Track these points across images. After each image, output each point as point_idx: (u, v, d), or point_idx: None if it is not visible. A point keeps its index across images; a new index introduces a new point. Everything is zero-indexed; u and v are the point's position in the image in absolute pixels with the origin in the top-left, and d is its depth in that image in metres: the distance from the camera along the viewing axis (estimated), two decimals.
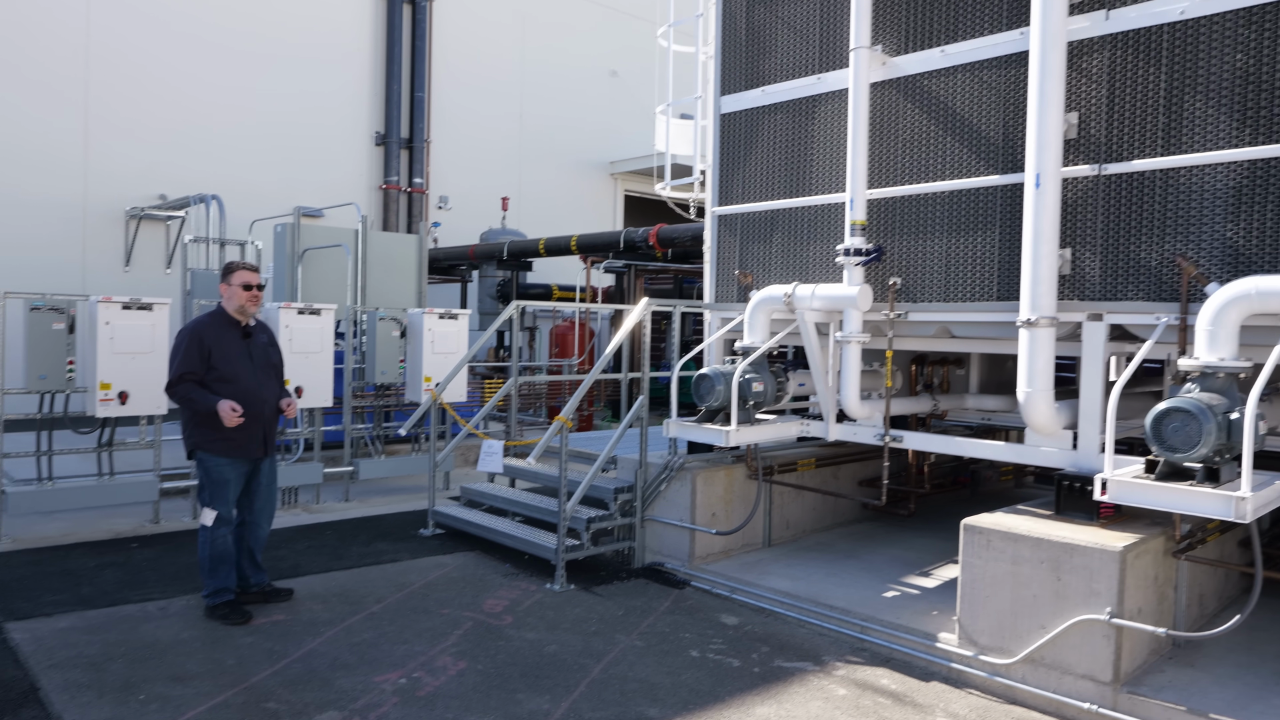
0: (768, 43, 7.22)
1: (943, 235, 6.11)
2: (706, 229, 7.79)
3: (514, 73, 21.88)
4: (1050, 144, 5.29)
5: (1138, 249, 5.25)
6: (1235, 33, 4.87)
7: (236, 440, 5.79)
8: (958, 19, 6.03)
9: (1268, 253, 4.80)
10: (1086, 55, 5.43)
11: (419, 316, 9.88)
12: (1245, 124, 4.85)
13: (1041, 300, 5.34)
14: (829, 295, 6.34)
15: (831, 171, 6.76)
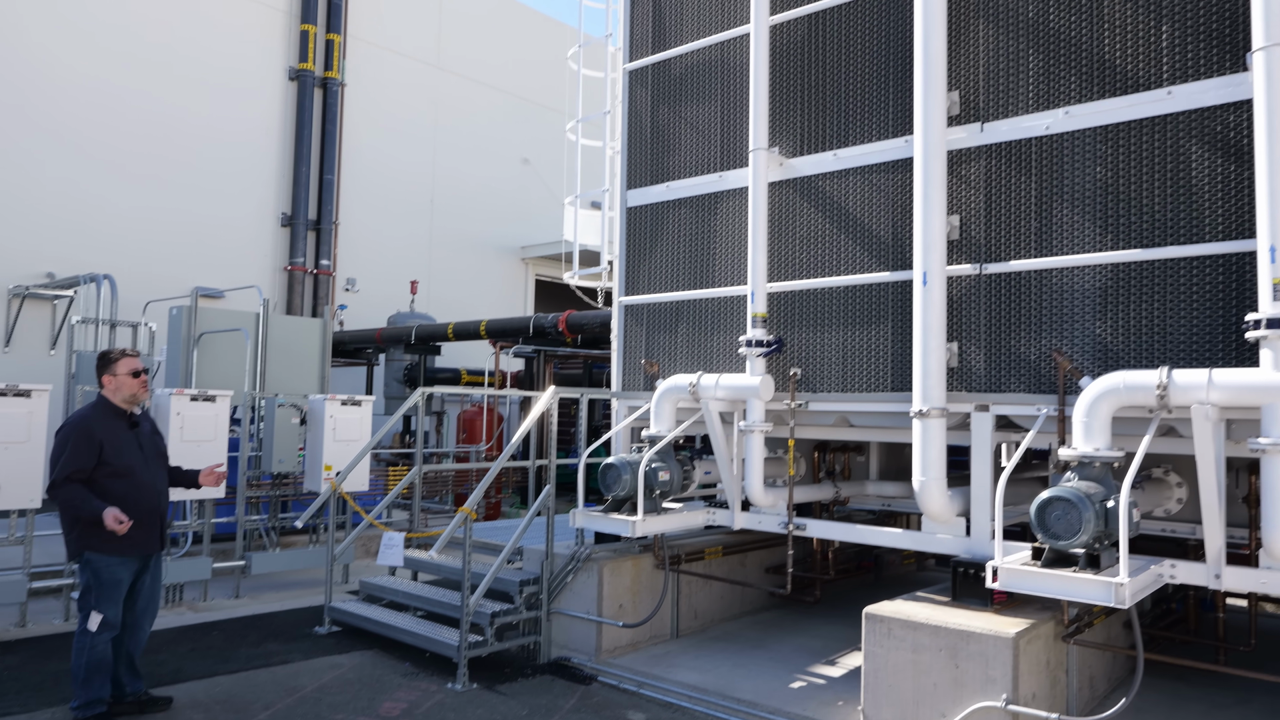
0: (672, 141, 7.50)
1: (840, 328, 6.35)
2: (614, 318, 7.90)
3: (426, 157, 22.05)
4: (935, 244, 5.61)
5: (1018, 344, 5.56)
6: (1094, 148, 5.32)
7: (133, 537, 5.48)
8: (848, 125, 6.40)
9: (1133, 349, 5.14)
10: (965, 163, 5.82)
11: (320, 403, 9.63)
12: (1107, 230, 5.25)
13: (932, 392, 5.57)
14: (732, 385, 6.47)
15: (734, 265, 6.98)
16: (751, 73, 6.70)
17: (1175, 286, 5.04)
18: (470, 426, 15.96)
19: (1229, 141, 4.90)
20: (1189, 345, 4.99)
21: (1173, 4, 5.10)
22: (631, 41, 7.89)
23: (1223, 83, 4.91)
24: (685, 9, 7.51)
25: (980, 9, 5.83)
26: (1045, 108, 5.52)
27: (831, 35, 6.55)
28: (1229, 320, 4.87)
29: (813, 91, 6.62)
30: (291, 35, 19.86)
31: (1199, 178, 4.98)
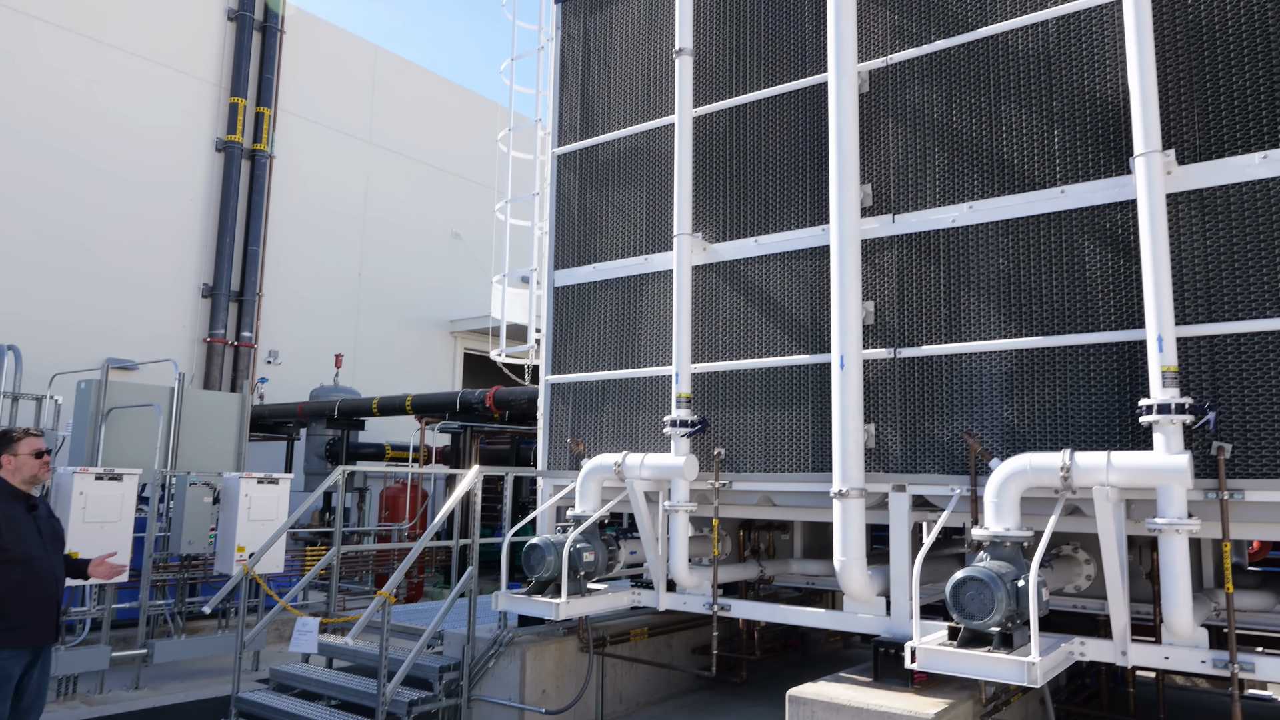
0: (599, 223, 7.66)
1: (762, 409, 6.48)
2: (540, 396, 7.90)
3: (356, 229, 21.96)
4: (851, 329, 5.81)
5: (932, 425, 5.75)
6: (997, 241, 5.62)
7: (27, 628, 5.15)
8: (769, 213, 6.64)
9: (1039, 431, 5.37)
10: (879, 252, 6.08)
11: (235, 481, 9.32)
12: (1011, 318, 5.52)
13: (850, 472, 5.70)
14: (657, 465, 6.51)
15: (659, 345, 7.10)
16: (676, 161, 6.93)
17: (1075, 372, 5.30)
18: (393, 504, 15.59)
19: (1117, 238, 5.24)
20: (1089, 428, 5.23)
21: (1063, 111, 5.50)
22: (560, 127, 8.09)
23: (1110, 184, 5.28)
24: (612, 98, 7.76)
25: (890, 108, 6.18)
26: (951, 202, 5.83)
27: (752, 127, 6.84)
28: (1125, 404, 5.13)
29: (735, 179, 6.87)
30: (220, 107, 19.77)
31: (1092, 270, 5.30)
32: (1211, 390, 4.89)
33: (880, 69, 6.26)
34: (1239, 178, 4.92)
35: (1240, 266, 4.87)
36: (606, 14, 7.95)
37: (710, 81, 7.15)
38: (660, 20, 7.56)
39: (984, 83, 5.81)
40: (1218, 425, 4.84)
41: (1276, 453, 4.68)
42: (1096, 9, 5.45)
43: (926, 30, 6.10)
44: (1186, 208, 5.06)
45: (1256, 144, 4.90)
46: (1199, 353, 4.94)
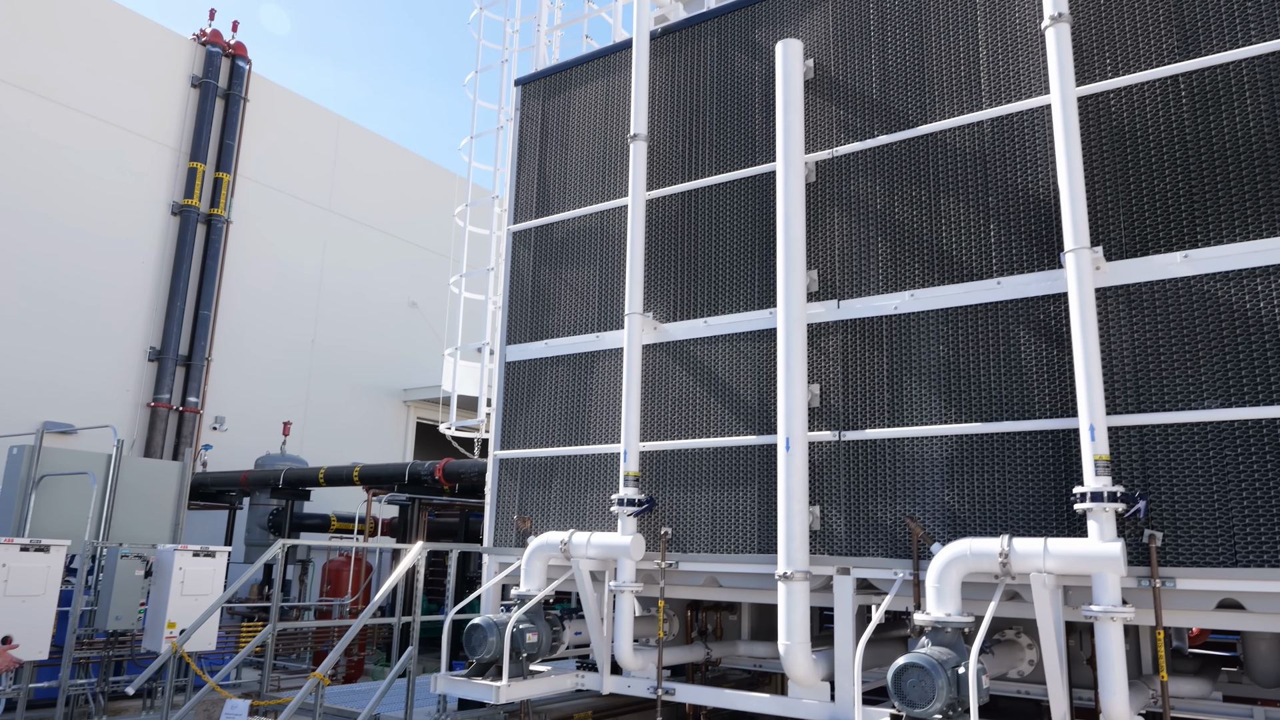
0: (552, 300, 7.73)
1: (709, 489, 6.49)
2: (488, 472, 7.84)
3: (311, 295, 21.83)
4: (797, 411, 5.89)
5: (875, 509, 5.80)
6: (937, 328, 5.79)
7: None
8: (718, 295, 6.77)
9: (979, 516, 5.45)
10: (824, 336, 6.22)
11: (169, 553, 9.03)
12: (951, 403, 5.65)
13: (795, 555, 5.71)
14: (603, 544, 6.46)
15: (608, 423, 7.11)
16: (628, 242, 7.06)
17: (1013, 458, 5.42)
18: (336, 577, 15.17)
19: (1051, 328, 5.43)
20: (1028, 513, 5.32)
21: (999, 206, 5.73)
22: (517, 204, 8.22)
23: (1043, 277, 5.49)
24: (568, 178, 7.92)
25: (836, 198, 6.39)
26: (894, 290, 6.01)
27: (704, 212, 7.01)
28: (1061, 491, 5.24)
29: (686, 261, 7.01)
30: (179, 171, 19.73)
31: (1028, 359, 5.47)
32: (1142, 479, 5.02)
33: (826, 160, 6.50)
34: (1162, 275, 5.15)
35: (1166, 359, 5.06)
36: (565, 98, 8.17)
37: (663, 166, 7.34)
38: (616, 106, 7.78)
39: (924, 177, 6.05)
40: (1149, 514, 4.96)
41: (1205, 541, 4.80)
42: (1029, 112, 5.74)
43: (870, 125, 6.36)
44: (1115, 302, 5.27)
45: (1178, 244, 5.14)
46: (1129, 442, 5.09)
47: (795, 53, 6.56)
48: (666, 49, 7.60)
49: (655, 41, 7.67)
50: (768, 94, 6.90)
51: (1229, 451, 4.82)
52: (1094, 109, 5.54)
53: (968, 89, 6.01)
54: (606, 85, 7.91)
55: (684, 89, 7.40)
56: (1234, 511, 4.76)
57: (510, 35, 9.93)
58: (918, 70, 6.24)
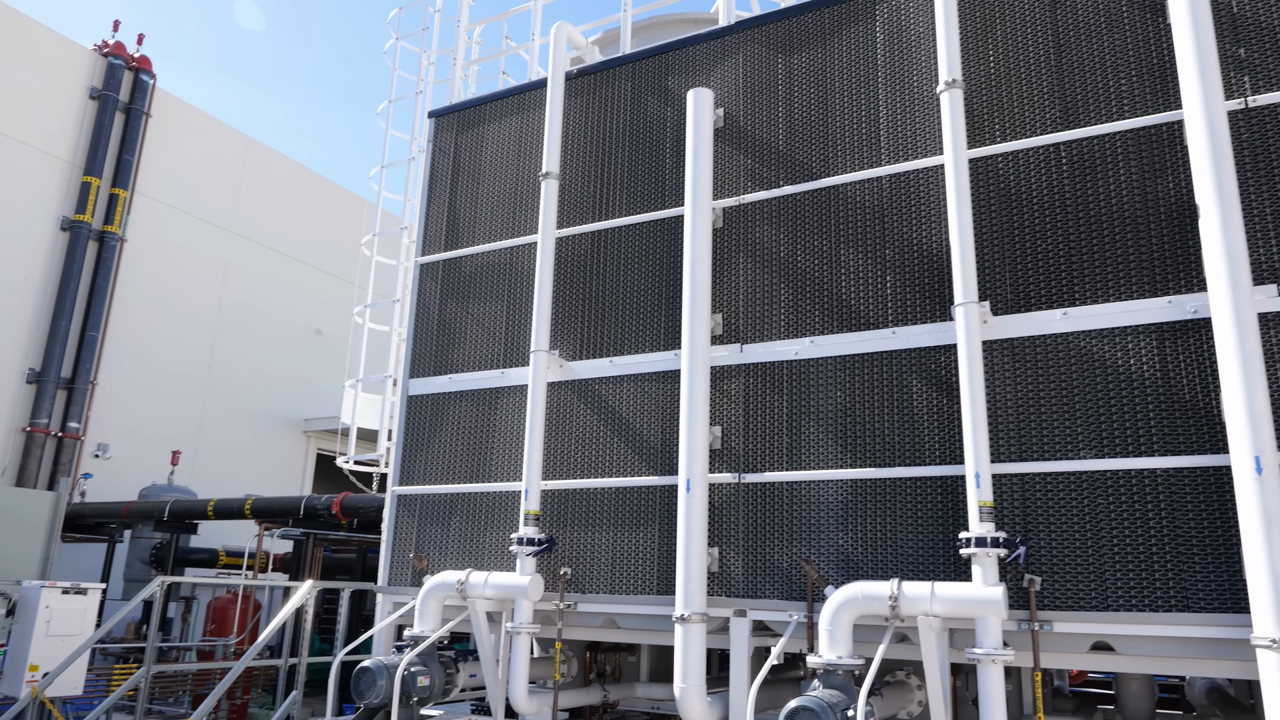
0: (458, 334, 7.64)
1: (610, 529, 6.47)
2: (386, 508, 7.63)
3: (209, 319, 21.03)
4: (698, 452, 5.95)
5: (773, 551, 5.88)
6: (835, 375, 5.94)
7: None
8: (624, 335, 6.81)
9: (871, 559, 5.57)
10: (727, 379, 6.31)
11: (35, 590, 8.47)
12: (847, 448, 5.79)
13: (693, 597, 5.72)
14: (501, 584, 6.35)
15: (511, 461, 7.03)
16: (537, 279, 7.05)
17: (904, 503, 5.58)
18: (222, 616, 14.46)
19: (941, 378, 5.64)
20: (917, 557, 5.47)
21: (895, 259, 5.95)
22: (426, 236, 8.13)
23: (934, 328, 5.71)
24: (479, 212, 7.88)
25: (741, 245, 6.53)
26: (795, 335, 6.15)
27: (613, 252, 7.07)
28: (949, 536, 5.41)
29: (594, 301, 7.04)
30: (71, 185, 18.85)
31: (919, 407, 5.66)
32: (1023, 525, 5.23)
33: (734, 207, 6.64)
34: (1044, 330, 5.42)
35: (1046, 411, 5.31)
36: (478, 132, 8.16)
37: (574, 205, 7.38)
38: (529, 143, 7.81)
39: (826, 228, 6.25)
40: (1029, 559, 5.16)
41: (1080, 586, 5.01)
42: (924, 170, 6.01)
43: (776, 176, 6.54)
44: (1000, 355, 5.51)
45: (1058, 301, 5.43)
46: (1012, 489, 5.30)
47: (706, 102, 6.72)
48: (581, 90, 7.68)
49: (570, 82, 7.75)
50: (678, 140, 7.04)
51: (1102, 500, 5.07)
52: (984, 171, 5.83)
53: (868, 146, 6.25)
54: (520, 122, 7.94)
55: (597, 130, 7.48)
56: (1106, 557, 4.99)
57: (426, 67, 9.89)
58: (822, 125, 6.46)
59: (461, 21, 9.03)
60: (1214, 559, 4.76)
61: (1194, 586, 4.78)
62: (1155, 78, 5.48)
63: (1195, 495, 4.87)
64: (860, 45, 6.48)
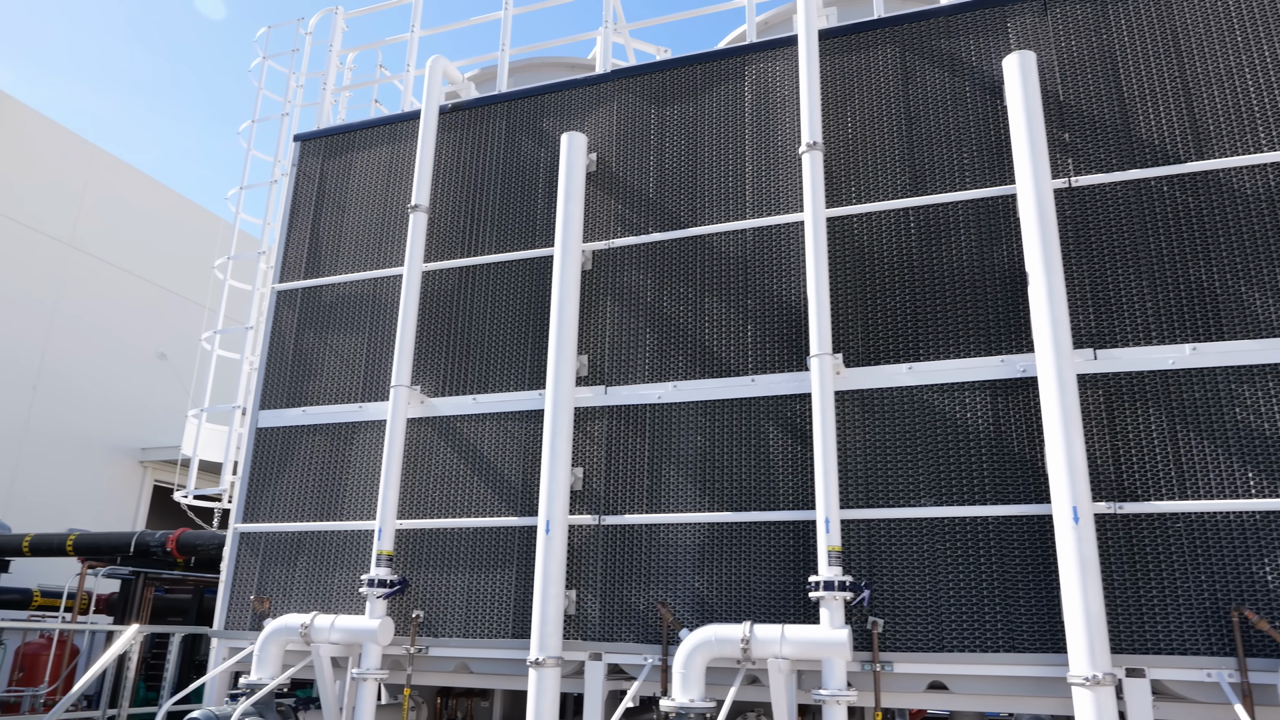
0: (315, 365, 7.36)
1: (467, 571, 6.33)
2: (227, 545, 7.21)
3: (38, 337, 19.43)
4: (559, 493, 5.92)
5: (630, 594, 5.89)
6: (696, 420, 6.07)
7: None
8: (489, 373, 6.74)
9: (726, 602, 5.67)
10: (591, 421, 6.33)
11: None
12: (705, 492, 5.90)
13: (549, 640, 5.65)
14: (349, 628, 6.09)
15: (365, 498, 6.79)
16: (400, 312, 6.90)
17: (758, 546, 5.72)
18: (32, 663, 13.17)
19: (796, 426, 5.85)
20: (770, 600, 5.61)
21: (756, 308, 6.17)
22: (285, 263, 7.83)
23: (791, 377, 5.93)
24: (343, 241, 7.67)
25: (609, 288, 6.61)
26: (659, 380, 6.26)
27: (480, 289, 7.01)
28: (799, 579, 5.58)
29: (459, 337, 6.94)
30: None
31: (775, 453, 5.84)
32: (869, 569, 5.45)
33: (603, 250, 6.73)
34: (891, 383, 5.72)
35: (892, 459, 5.59)
36: (346, 159, 7.97)
37: (443, 239, 7.29)
38: (399, 174, 7.69)
39: (692, 275, 6.41)
40: (873, 602, 5.38)
41: (919, 628, 5.26)
42: (785, 226, 6.27)
43: (646, 222, 6.68)
44: (852, 405, 5.78)
45: (905, 356, 5.75)
46: (859, 534, 5.53)
47: (580, 145, 6.81)
48: (456, 124, 7.64)
49: (445, 116, 7.70)
50: (551, 181, 7.09)
51: (940, 545, 5.35)
52: (840, 230, 6.14)
53: (734, 199, 6.48)
54: (391, 153, 7.80)
55: (470, 166, 7.44)
56: (943, 600, 5.26)
57: (294, 89, 9.59)
58: (691, 176, 6.66)
59: (334, 46, 8.83)
60: (1038, 602, 5.10)
61: (1020, 628, 5.10)
62: (993, 154, 5.95)
63: (1022, 542, 5.22)
64: (729, 102, 6.74)
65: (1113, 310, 5.40)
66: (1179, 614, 4.84)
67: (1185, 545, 4.92)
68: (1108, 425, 5.23)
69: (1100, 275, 5.48)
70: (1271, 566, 4.75)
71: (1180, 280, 5.33)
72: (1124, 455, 5.15)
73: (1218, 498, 4.93)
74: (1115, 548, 5.02)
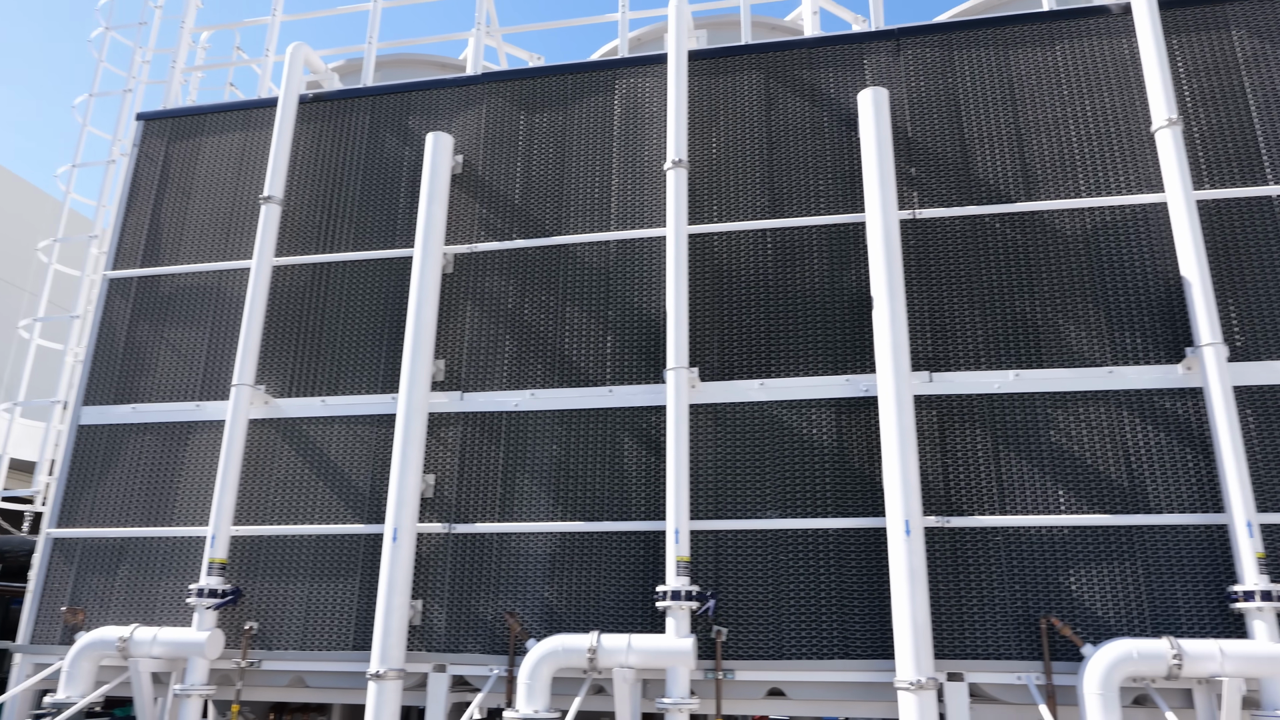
0: (148, 360, 6.90)
1: (307, 580, 6.06)
2: (38, 552, 6.63)
3: None
4: (409, 500, 5.77)
5: (478, 604, 5.80)
6: (553, 429, 6.05)
7: None
8: (340, 375, 6.50)
9: (574, 612, 5.67)
10: (445, 427, 6.21)
11: None
12: (559, 501, 5.89)
13: (391, 652, 5.49)
14: (173, 641, 5.71)
15: (198, 503, 6.40)
16: (247, 308, 6.57)
17: (608, 557, 5.75)
18: None
19: (651, 437, 5.93)
20: (619, 610, 5.64)
21: (617, 320, 6.22)
22: (120, 249, 7.30)
23: (648, 389, 6.01)
24: (187, 230, 7.23)
25: (470, 292, 6.51)
26: (517, 387, 6.20)
27: (335, 287, 6.76)
28: (648, 589, 5.64)
29: (310, 336, 6.67)
30: None
31: (629, 464, 5.90)
32: (715, 579, 5.57)
33: (465, 254, 6.63)
34: (743, 398, 5.89)
35: (741, 472, 5.74)
36: (194, 144, 7.53)
37: (297, 234, 7.00)
38: (252, 162, 7.33)
39: (555, 284, 6.41)
40: (717, 611, 5.50)
41: (761, 636, 5.42)
42: (648, 240, 6.36)
43: (510, 228, 6.62)
44: (705, 418, 5.90)
45: (757, 372, 5.93)
46: (707, 545, 5.65)
47: (445, 146, 6.69)
48: (316, 116, 7.36)
49: (305, 106, 7.40)
50: (414, 180, 6.93)
51: (783, 557, 5.54)
52: (701, 247, 6.28)
53: (600, 210, 6.52)
54: (244, 140, 7.43)
55: (329, 159, 7.18)
56: (784, 610, 5.44)
57: (140, 65, 9.00)
58: (558, 184, 6.66)
59: (186, 22, 8.35)
60: (871, 611, 5.35)
61: (854, 636, 5.33)
62: (847, 183, 6.24)
63: (858, 553, 5.47)
64: (599, 115, 6.79)
65: (948, 336, 5.76)
66: (995, 621, 5.18)
67: (1003, 557, 5.28)
68: (940, 444, 5.56)
69: (938, 302, 5.84)
70: (1076, 577, 5.17)
71: (1007, 311, 5.74)
72: (953, 472, 5.49)
73: (1033, 513, 5.33)
74: (942, 559, 5.34)
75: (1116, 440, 5.38)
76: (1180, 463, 5.29)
